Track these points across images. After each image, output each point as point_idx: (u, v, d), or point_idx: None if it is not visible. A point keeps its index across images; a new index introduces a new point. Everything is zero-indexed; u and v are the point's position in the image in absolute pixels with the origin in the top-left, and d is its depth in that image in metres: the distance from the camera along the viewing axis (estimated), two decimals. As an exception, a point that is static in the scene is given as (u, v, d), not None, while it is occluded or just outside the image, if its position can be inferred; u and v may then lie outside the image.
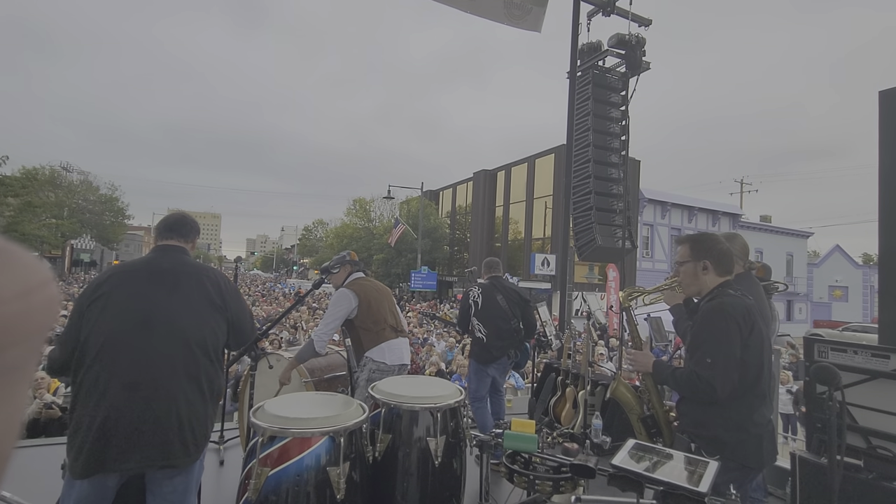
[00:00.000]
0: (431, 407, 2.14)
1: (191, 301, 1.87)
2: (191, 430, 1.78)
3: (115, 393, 1.68)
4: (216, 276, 2.02)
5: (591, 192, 6.81)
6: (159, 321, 1.78)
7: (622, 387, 2.25)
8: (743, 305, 1.93)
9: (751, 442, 1.91)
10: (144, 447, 1.69)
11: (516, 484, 1.73)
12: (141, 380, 1.71)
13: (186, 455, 1.77)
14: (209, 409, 1.88)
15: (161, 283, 1.86)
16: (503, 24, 6.53)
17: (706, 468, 1.51)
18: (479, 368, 3.93)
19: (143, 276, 1.87)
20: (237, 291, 2.07)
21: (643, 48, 7.00)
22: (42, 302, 0.35)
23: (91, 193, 38.38)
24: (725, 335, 1.88)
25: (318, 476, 1.75)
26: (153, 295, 1.82)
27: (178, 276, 1.90)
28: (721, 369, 1.85)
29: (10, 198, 24.24)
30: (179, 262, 1.95)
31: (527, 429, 1.88)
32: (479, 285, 4.06)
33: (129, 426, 1.67)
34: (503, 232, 27.32)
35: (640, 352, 2.22)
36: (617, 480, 1.52)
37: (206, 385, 1.86)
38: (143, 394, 1.70)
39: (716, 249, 2.08)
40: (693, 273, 2.10)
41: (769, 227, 28.95)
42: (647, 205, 24.11)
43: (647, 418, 2.15)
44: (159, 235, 2.03)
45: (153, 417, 1.70)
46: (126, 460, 1.68)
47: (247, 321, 2.07)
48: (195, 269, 1.97)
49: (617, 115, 7.13)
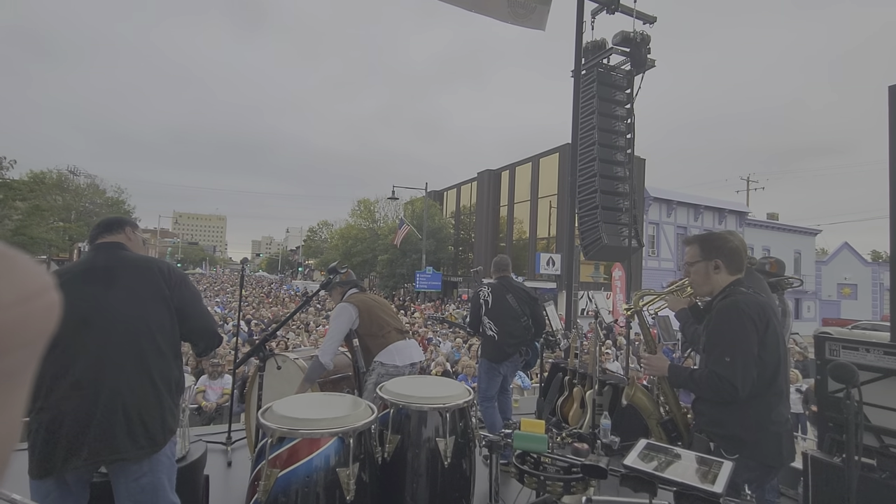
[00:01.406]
0: (440, 407, 2.13)
1: (130, 294, 1.83)
2: (140, 423, 1.74)
3: (58, 394, 1.67)
4: (159, 265, 1.97)
5: (596, 190, 6.77)
6: (98, 318, 1.75)
7: (640, 392, 2.23)
8: (757, 303, 1.91)
9: (770, 440, 1.89)
10: (91, 443, 1.67)
11: (526, 484, 1.71)
12: (83, 378, 1.69)
13: (137, 448, 1.73)
14: (164, 400, 1.83)
15: (96, 280, 1.82)
16: (507, 22, 6.51)
17: (721, 468, 1.49)
18: (492, 367, 3.93)
19: (78, 277, 1.84)
20: (183, 278, 2.01)
21: (648, 45, 6.96)
22: (42, 308, 0.35)
23: (98, 197, 38.67)
24: (742, 333, 1.86)
25: (328, 477, 1.74)
26: (89, 293, 1.79)
27: (114, 270, 1.87)
28: (741, 368, 1.83)
29: (18, 201, 24.50)
30: (115, 257, 1.92)
31: (536, 429, 1.86)
32: (489, 285, 4.06)
33: (75, 425, 1.66)
34: (508, 232, 27.28)
35: (654, 356, 2.20)
36: (629, 481, 1.50)
37: (156, 376, 1.81)
38: (87, 391, 1.69)
39: (727, 248, 2.06)
40: (705, 273, 2.07)
41: (776, 224, 28.73)
42: (652, 203, 23.99)
43: (666, 423, 2.13)
44: (92, 238, 1.99)
45: (98, 414, 1.68)
46: (75, 458, 1.67)
47: (197, 308, 2.00)
48: (133, 262, 1.93)
49: (622, 113, 7.09)
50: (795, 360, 9.29)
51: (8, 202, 23.71)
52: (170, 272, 1.97)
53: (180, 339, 1.96)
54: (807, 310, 28.81)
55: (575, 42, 6.46)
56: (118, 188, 40.81)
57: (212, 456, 3.49)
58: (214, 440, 3.87)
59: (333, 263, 3.18)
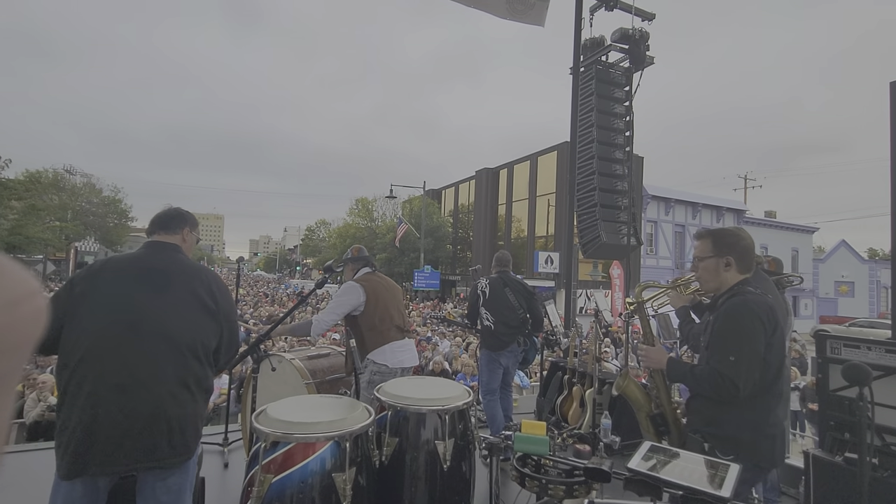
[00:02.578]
0: (439, 409, 2.08)
1: (181, 303, 1.83)
2: (180, 431, 1.76)
3: (102, 395, 1.66)
4: (209, 277, 1.98)
5: (595, 188, 6.74)
6: (148, 324, 1.75)
7: (632, 384, 2.19)
8: (766, 304, 1.88)
9: (765, 442, 1.86)
10: (131, 449, 1.67)
11: (527, 488, 1.67)
12: (128, 382, 1.68)
13: (175, 455, 1.75)
14: (199, 408, 1.86)
15: (151, 283, 1.82)
16: (506, 18, 6.46)
17: (727, 471, 1.45)
18: (492, 358, 3.92)
19: (132, 274, 1.83)
20: (229, 293, 2.03)
21: (647, 42, 6.93)
22: (29, 313, 0.35)
23: (94, 196, 38.47)
24: (750, 333, 1.83)
25: (324, 482, 1.70)
26: (142, 296, 1.78)
27: (170, 276, 1.86)
28: (745, 368, 1.80)
29: (14, 201, 24.34)
30: (171, 261, 1.91)
31: (537, 430, 1.82)
32: (488, 277, 4.08)
33: (116, 428, 1.65)
34: (506, 230, 27.25)
35: (652, 347, 2.16)
36: (633, 485, 1.46)
37: (194, 386, 1.83)
38: (130, 396, 1.68)
39: (740, 245, 2.02)
40: (714, 269, 2.03)
41: (774, 222, 28.78)
42: (650, 201, 23.99)
43: (656, 416, 2.10)
44: (150, 231, 1.99)
45: (140, 419, 1.68)
46: (113, 462, 1.66)
47: (234, 322, 2.03)
48: (187, 270, 1.92)
49: (621, 110, 7.06)
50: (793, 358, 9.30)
51: (3, 201, 23.54)
52: (217, 283, 1.98)
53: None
54: (804, 307, 28.88)
55: (574, 39, 6.42)
56: (115, 187, 40.60)
57: (208, 457, 3.45)
58: (211, 441, 3.83)
59: (329, 261, 3.13)
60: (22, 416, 4.92)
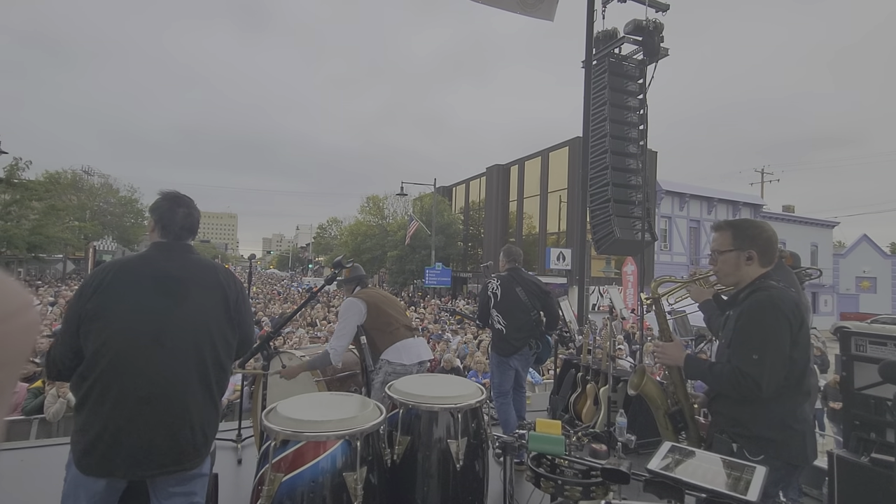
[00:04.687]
0: (452, 407, 2.04)
1: (199, 308, 1.81)
2: (202, 435, 1.78)
3: (127, 407, 1.66)
4: (226, 280, 1.92)
5: (608, 183, 6.63)
6: (170, 337, 1.73)
7: (648, 381, 2.13)
8: (791, 299, 1.80)
9: (796, 439, 1.79)
10: (158, 456, 1.68)
11: (543, 489, 1.63)
12: (153, 394, 1.69)
13: (198, 457, 1.78)
14: (219, 410, 1.89)
15: (169, 293, 1.77)
16: (516, 13, 6.38)
17: (753, 473, 1.39)
18: (502, 361, 3.85)
19: (148, 283, 1.76)
20: (243, 290, 2.01)
21: (661, 34, 6.78)
22: (21, 327, 0.35)
23: (111, 196, 39.20)
24: (775, 331, 1.75)
25: (334, 481, 1.67)
26: (162, 308, 1.74)
27: (187, 284, 1.81)
28: (769, 367, 1.73)
29: (34, 201, 24.86)
30: (187, 264, 1.85)
31: (552, 429, 1.78)
32: (498, 277, 3.98)
33: (143, 438, 1.66)
34: (517, 227, 27.09)
35: (669, 343, 2.08)
36: (654, 487, 1.41)
37: (215, 389, 1.85)
38: (156, 407, 1.68)
39: (762, 238, 1.92)
40: (735, 263, 1.94)
41: (792, 217, 28.16)
42: (664, 196, 23.65)
43: (674, 414, 2.03)
44: (159, 229, 1.87)
45: (167, 430, 1.69)
46: (140, 469, 1.67)
47: (249, 321, 2.03)
48: (203, 271, 1.87)
49: (634, 103, 6.93)
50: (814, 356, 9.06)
51: (25, 202, 24.08)
52: (234, 283, 1.95)
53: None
54: (824, 304, 28.24)
55: (586, 31, 6.30)
56: (131, 187, 41.31)
57: (221, 454, 3.46)
58: (224, 437, 3.85)
59: (338, 258, 3.12)
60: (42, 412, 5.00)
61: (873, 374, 2.86)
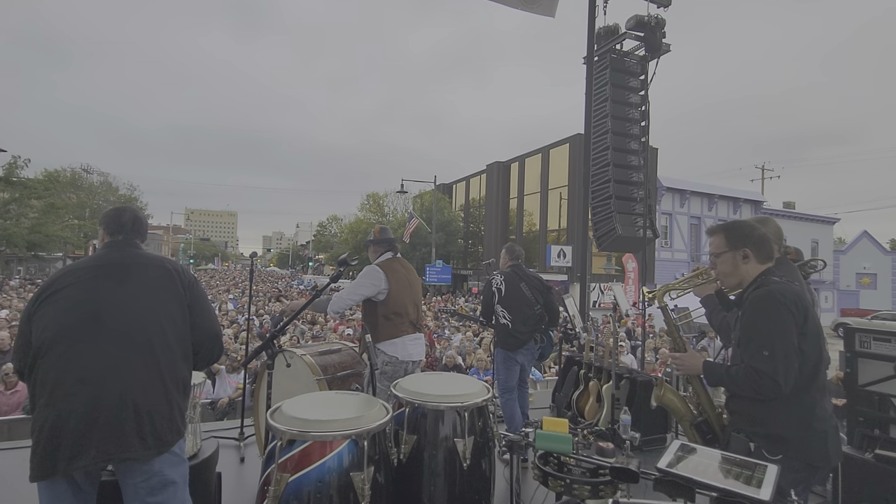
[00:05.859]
0: (458, 406, 2.03)
1: (143, 291, 1.79)
2: (150, 422, 1.68)
3: (64, 390, 1.61)
4: (172, 265, 1.93)
5: (610, 180, 6.61)
6: (109, 314, 1.70)
7: (669, 392, 2.11)
8: (792, 291, 1.79)
9: (816, 438, 1.76)
10: (99, 441, 1.61)
11: (551, 487, 1.61)
12: (90, 375, 1.64)
13: (145, 448, 1.67)
14: (173, 399, 1.77)
15: (109, 276, 1.78)
16: (517, 8, 6.33)
17: (765, 472, 1.38)
18: (508, 356, 3.85)
19: (90, 272, 1.79)
20: (195, 280, 1.97)
21: (663, 29, 6.74)
22: None
23: (111, 194, 39.12)
24: (779, 324, 1.74)
25: (341, 480, 1.65)
26: (101, 288, 1.74)
27: (128, 267, 1.82)
28: (781, 361, 1.70)
29: (33, 200, 24.78)
30: (129, 254, 1.88)
31: (560, 428, 1.76)
32: (502, 273, 3.98)
33: (81, 422, 1.60)
34: (518, 224, 27.08)
35: (685, 354, 2.07)
36: (664, 485, 1.40)
37: (167, 375, 1.76)
38: (94, 387, 1.63)
39: (754, 235, 1.93)
40: (732, 263, 1.94)
41: (793, 213, 28.15)
42: (665, 193, 23.62)
43: (700, 424, 2.01)
44: (108, 233, 1.94)
45: (105, 409, 1.62)
46: (81, 457, 1.60)
47: (206, 308, 1.96)
48: (147, 260, 1.89)
49: (636, 100, 6.90)
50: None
51: (24, 200, 24.00)
52: (183, 271, 1.94)
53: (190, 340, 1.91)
54: (824, 300, 28.25)
55: (587, 27, 6.26)
56: (130, 185, 41.27)
57: (224, 452, 3.45)
58: (227, 436, 3.84)
59: (343, 255, 3.09)
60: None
61: (878, 371, 2.86)
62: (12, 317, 10.12)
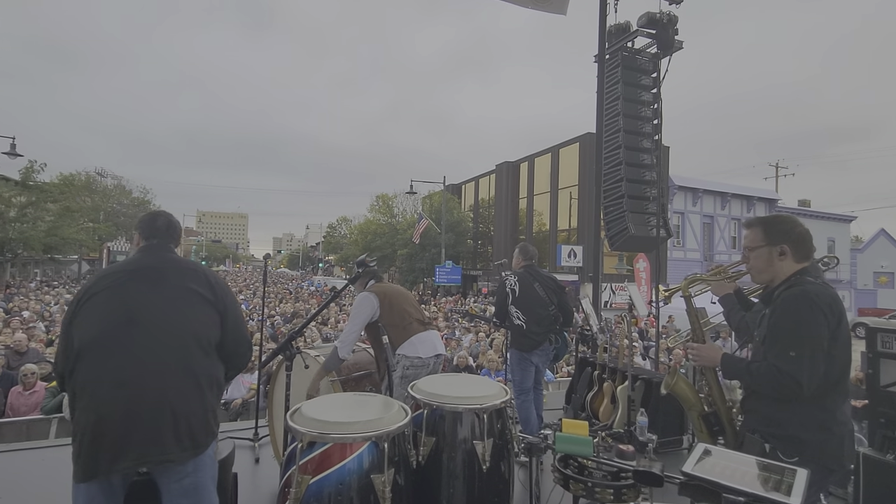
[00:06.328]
0: (477, 408, 2.01)
1: (177, 294, 1.82)
2: (186, 424, 1.71)
3: (103, 393, 1.64)
4: (204, 270, 1.99)
5: (622, 179, 6.54)
6: (144, 317, 1.73)
7: (681, 381, 2.08)
8: (828, 294, 1.75)
9: (833, 442, 1.73)
10: (138, 444, 1.64)
11: (572, 491, 1.59)
12: (128, 377, 1.66)
13: (183, 449, 1.70)
14: (207, 401, 1.80)
15: (145, 279, 1.82)
16: (528, 7, 6.30)
17: (795, 476, 1.35)
18: (522, 357, 3.82)
19: (126, 275, 1.83)
20: (227, 286, 2.02)
21: (675, 26, 6.67)
22: None
23: (124, 197, 39.72)
24: (811, 325, 1.70)
25: (361, 483, 1.65)
26: (136, 292, 1.78)
27: (163, 271, 1.86)
28: (807, 363, 1.67)
29: (49, 203, 25.23)
30: (164, 258, 1.93)
31: (580, 430, 1.74)
32: (515, 273, 3.95)
33: (122, 425, 1.63)
34: (527, 224, 26.97)
35: (704, 345, 2.04)
36: (689, 489, 1.37)
37: (201, 377, 1.79)
38: (132, 391, 1.65)
39: (794, 232, 1.88)
40: (767, 259, 1.90)
41: (809, 212, 27.69)
42: (676, 192, 23.38)
43: (709, 416, 1.98)
44: (143, 237, 2.00)
45: (143, 412, 1.65)
46: (122, 459, 1.63)
47: (238, 315, 2.00)
48: (181, 265, 1.93)
49: (648, 98, 6.82)
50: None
51: (40, 204, 24.43)
52: (215, 278, 1.98)
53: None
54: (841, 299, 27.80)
55: (598, 25, 6.21)
56: (143, 188, 41.83)
57: (239, 452, 3.47)
58: (241, 437, 3.86)
59: (362, 256, 3.10)
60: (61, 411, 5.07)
61: (904, 371, 2.80)
62: (30, 318, 10.30)
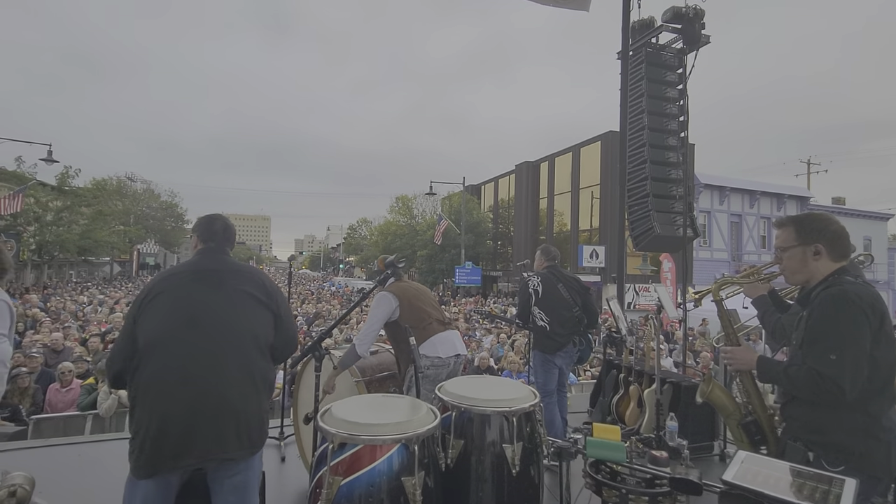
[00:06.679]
0: (506, 411, 1.99)
1: (236, 297, 1.88)
2: (246, 423, 1.77)
3: (168, 391, 1.69)
4: (259, 273, 2.05)
5: (647, 177, 6.41)
6: (206, 318, 1.79)
7: (717, 389, 2.01)
8: (870, 294, 1.67)
9: (881, 449, 1.65)
10: (202, 441, 1.69)
11: (605, 498, 1.56)
12: (192, 376, 1.71)
13: (241, 448, 1.76)
14: (263, 401, 1.87)
15: (205, 281, 1.88)
16: (549, 5, 6.23)
17: (843, 486, 1.28)
18: (546, 359, 3.78)
19: (187, 277, 1.90)
20: (279, 288, 2.08)
21: (702, 20, 6.50)
22: None
23: (153, 201, 40.97)
24: (852, 327, 1.63)
25: (392, 485, 1.65)
26: (198, 293, 1.84)
27: (221, 273, 1.93)
28: (849, 366, 1.60)
29: (83, 207, 26.22)
30: (221, 261, 2.00)
31: (611, 435, 1.70)
32: (538, 274, 3.91)
33: (185, 422, 1.68)
34: (548, 224, 26.71)
35: (738, 347, 1.97)
36: (730, 499, 1.32)
37: (258, 379, 1.84)
38: (196, 390, 1.70)
39: (829, 230, 1.81)
40: (801, 259, 1.83)
41: (843, 209, 26.61)
42: (702, 190, 22.79)
43: (748, 424, 1.90)
44: (201, 240, 2.08)
45: (207, 410, 1.70)
46: (186, 455, 1.68)
47: (290, 317, 2.07)
48: (237, 267, 2.01)
49: (674, 94, 6.67)
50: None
51: (75, 208, 25.42)
52: (270, 282, 2.05)
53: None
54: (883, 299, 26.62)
55: (622, 21, 6.10)
56: (171, 192, 43.04)
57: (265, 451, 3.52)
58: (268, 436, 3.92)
59: (391, 257, 3.09)
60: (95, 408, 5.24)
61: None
62: (65, 318, 10.70)
